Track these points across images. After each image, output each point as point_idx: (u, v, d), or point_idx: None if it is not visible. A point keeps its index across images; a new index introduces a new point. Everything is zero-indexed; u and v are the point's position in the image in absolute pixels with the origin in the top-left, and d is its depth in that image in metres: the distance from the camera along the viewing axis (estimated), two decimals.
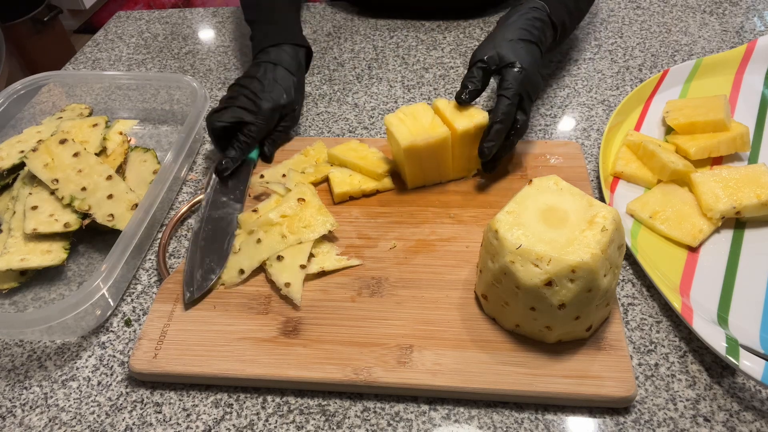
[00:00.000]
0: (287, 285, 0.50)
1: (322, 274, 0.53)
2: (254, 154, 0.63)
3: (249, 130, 0.61)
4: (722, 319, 0.48)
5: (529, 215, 0.44)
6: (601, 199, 0.59)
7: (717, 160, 0.61)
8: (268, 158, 0.65)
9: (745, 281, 0.51)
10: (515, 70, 0.56)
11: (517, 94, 0.55)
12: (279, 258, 0.52)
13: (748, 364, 0.42)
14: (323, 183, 0.62)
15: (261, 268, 0.53)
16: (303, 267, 0.51)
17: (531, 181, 0.46)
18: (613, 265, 0.43)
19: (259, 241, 0.53)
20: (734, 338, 0.45)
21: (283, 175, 0.62)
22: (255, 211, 0.56)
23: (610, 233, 0.42)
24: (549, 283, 0.41)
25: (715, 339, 0.44)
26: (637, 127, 0.66)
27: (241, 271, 0.52)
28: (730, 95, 0.69)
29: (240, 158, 0.61)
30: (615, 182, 0.61)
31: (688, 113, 0.63)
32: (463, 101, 0.56)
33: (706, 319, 0.47)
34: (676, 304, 0.48)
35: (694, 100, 0.65)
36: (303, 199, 0.56)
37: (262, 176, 0.61)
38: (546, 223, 0.43)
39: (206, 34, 0.93)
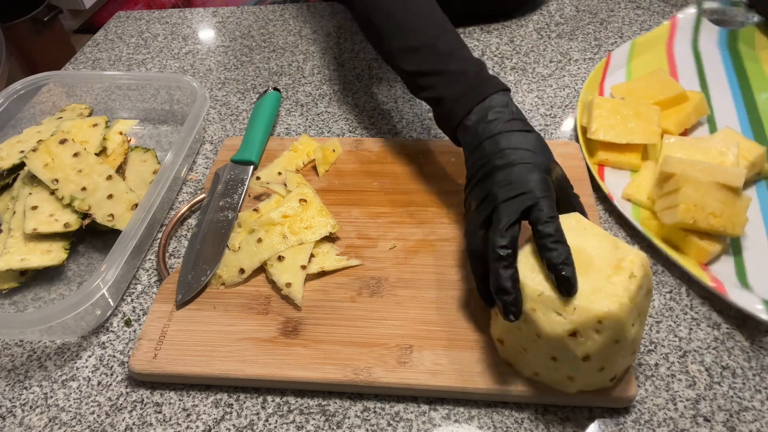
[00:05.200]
0: (288, 285, 0.50)
1: (322, 274, 0.53)
2: (255, 156, 0.63)
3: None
4: (744, 283, 0.50)
5: None
6: (598, 190, 0.59)
7: (684, 132, 0.65)
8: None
9: (751, 240, 0.53)
10: (541, 204, 0.42)
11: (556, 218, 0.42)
12: (280, 258, 0.52)
13: None
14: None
15: (261, 268, 0.53)
16: (304, 267, 0.51)
17: None
18: (642, 313, 0.40)
19: (260, 240, 0.53)
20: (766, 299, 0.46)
21: (279, 173, 0.62)
22: (256, 210, 0.56)
23: (639, 280, 0.39)
24: (573, 334, 0.38)
25: (750, 303, 0.46)
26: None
27: (242, 271, 0.52)
28: (668, 68, 0.74)
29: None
30: (601, 171, 0.61)
31: (645, 94, 0.65)
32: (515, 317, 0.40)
33: (735, 286, 0.48)
34: (705, 278, 0.48)
35: (640, 80, 0.68)
36: (305, 200, 0.56)
37: (258, 178, 0.61)
38: None
39: (206, 34, 0.93)
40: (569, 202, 0.46)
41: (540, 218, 0.41)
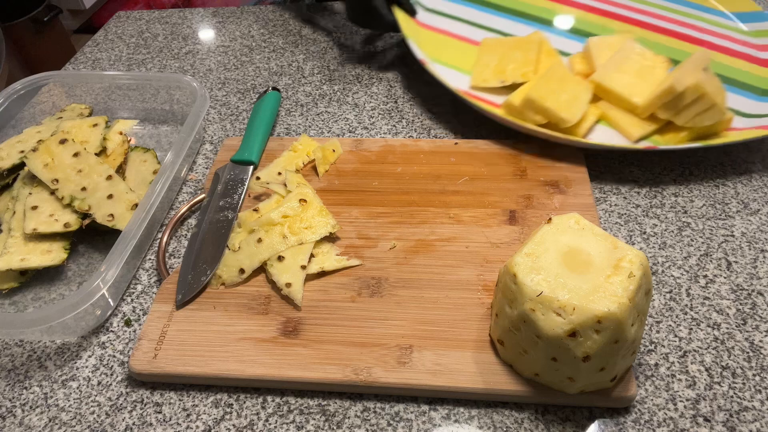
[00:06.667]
0: (288, 285, 0.50)
1: (322, 274, 0.53)
2: (255, 156, 0.63)
3: None
4: None
5: (550, 258, 0.41)
6: (597, 190, 0.59)
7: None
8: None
9: None
10: None
11: None
12: (280, 258, 0.52)
13: None
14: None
15: (261, 269, 0.53)
16: (304, 267, 0.51)
17: (550, 219, 0.44)
18: (641, 313, 0.40)
19: (259, 240, 0.53)
20: None
21: (279, 173, 0.62)
22: (256, 210, 0.56)
23: (638, 279, 0.39)
24: (573, 334, 0.38)
25: None
26: None
27: (242, 271, 0.52)
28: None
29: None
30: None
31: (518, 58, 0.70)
32: None
33: None
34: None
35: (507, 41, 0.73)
36: (305, 200, 0.56)
37: (258, 178, 0.61)
38: (568, 267, 0.40)
39: (206, 34, 0.93)
40: None
41: None
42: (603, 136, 0.63)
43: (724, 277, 0.53)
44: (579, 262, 0.40)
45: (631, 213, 0.59)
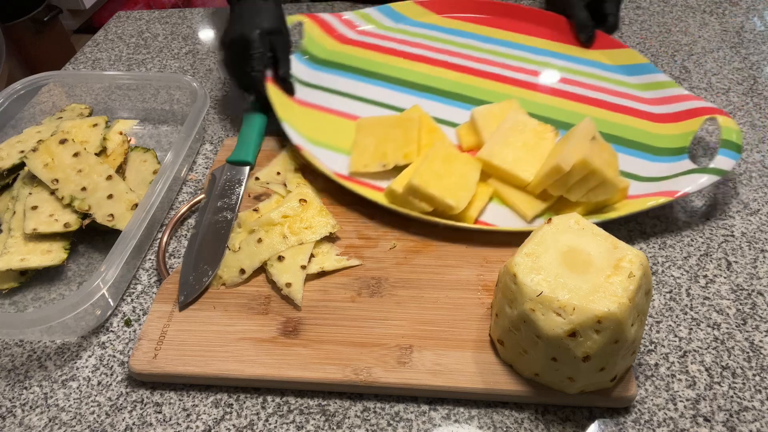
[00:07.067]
0: (288, 285, 0.50)
1: (322, 274, 0.53)
2: (250, 157, 0.63)
3: (252, 63, 0.65)
4: None
5: (550, 258, 0.41)
6: None
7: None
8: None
9: None
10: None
11: None
12: (280, 258, 0.52)
13: None
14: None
15: (261, 269, 0.53)
16: (304, 267, 0.52)
17: (550, 219, 0.44)
18: (641, 313, 0.40)
19: (260, 240, 0.53)
20: None
21: (278, 173, 0.62)
22: (256, 210, 0.56)
23: (638, 279, 0.39)
24: (573, 334, 0.38)
25: None
26: None
27: (242, 271, 0.52)
28: None
29: (263, 68, 0.66)
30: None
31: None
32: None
33: None
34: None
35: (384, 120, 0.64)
36: (304, 200, 0.56)
37: (257, 178, 0.61)
38: (568, 267, 0.40)
39: (206, 34, 0.93)
40: None
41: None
42: (497, 216, 0.57)
43: (724, 277, 0.53)
44: (579, 262, 0.40)
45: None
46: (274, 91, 0.66)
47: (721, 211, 0.59)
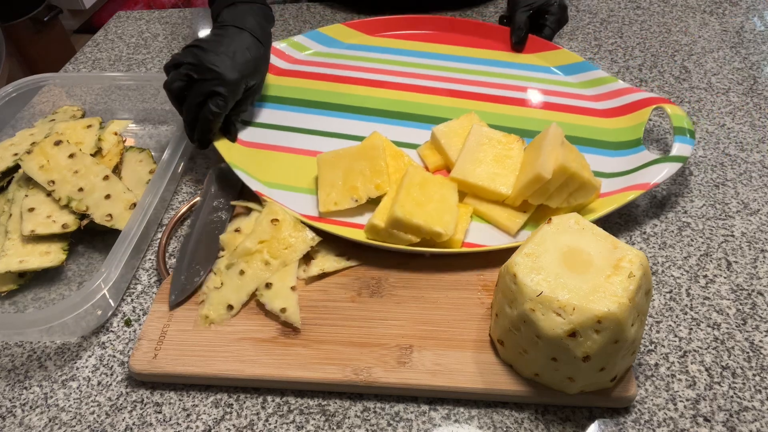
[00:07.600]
0: (283, 311, 0.49)
1: (323, 275, 0.53)
2: None
3: (217, 103, 0.57)
4: None
5: (550, 258, 0.41)
6: None
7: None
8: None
9: None
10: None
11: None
12: (268, 285, 0.50)
13: None
14: None
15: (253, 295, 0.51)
16: (294, 289, 0.50)
17: (550, 219, 0.44)
18: (641, 313, 0.40)
19: (242, 272, 0.51)
20: None
21: None
22: (237, 231, 0.55)
23: (638, 279, 0.39)
24: (573, 334, 0.38)
25: None
26: None
27: (230, 307, 0.50)
28: None
29: (211, 131, 0.60)
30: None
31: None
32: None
33: None
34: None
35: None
36: (276, 220, 0.53)
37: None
38: (568, 267, 0.40)
39: (206, 34, 0.92)
40: None
41: None
42: (482, 234, 0.55)
43: (724, 277, 0.53)
44: (579, 262, 0.40)
45: (631, 213, 0.59)
46: (218, 137, 0.62)
47: (721, 211, 0.59)
